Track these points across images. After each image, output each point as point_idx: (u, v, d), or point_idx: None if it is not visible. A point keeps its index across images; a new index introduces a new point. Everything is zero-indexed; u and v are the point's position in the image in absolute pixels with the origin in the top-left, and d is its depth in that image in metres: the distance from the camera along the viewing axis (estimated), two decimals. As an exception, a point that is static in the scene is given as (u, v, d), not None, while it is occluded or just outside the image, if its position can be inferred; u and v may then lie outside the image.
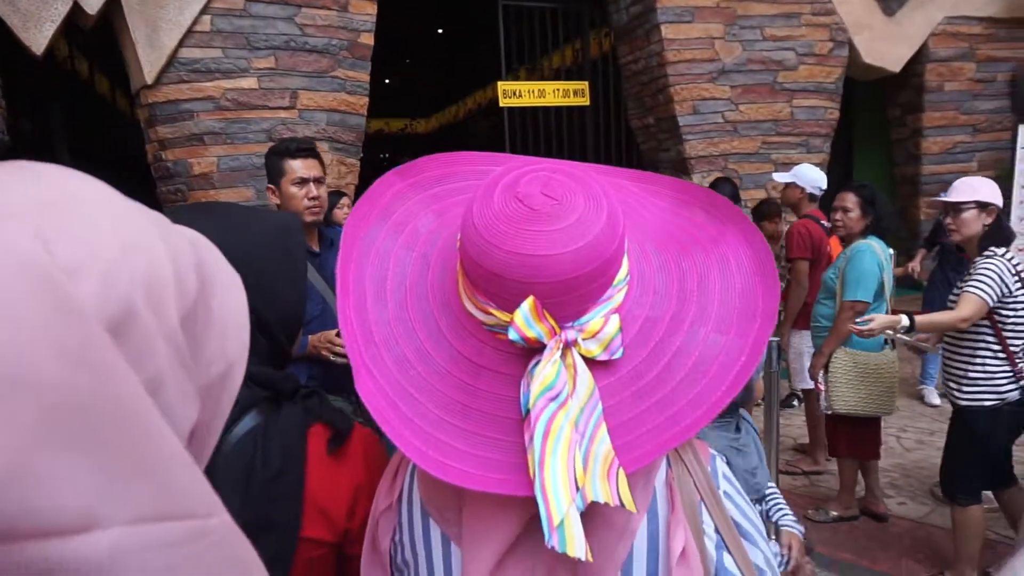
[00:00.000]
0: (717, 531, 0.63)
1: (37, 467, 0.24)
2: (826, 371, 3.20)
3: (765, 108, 5.65)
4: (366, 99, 4.83)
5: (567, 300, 0.57)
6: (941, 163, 6.18)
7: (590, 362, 0.58)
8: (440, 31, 11.76)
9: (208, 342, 0.35)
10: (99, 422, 0.26)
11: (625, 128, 6.32)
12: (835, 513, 3.38)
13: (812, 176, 4.06)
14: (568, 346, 0.57)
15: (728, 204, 0.75)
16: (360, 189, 4.88)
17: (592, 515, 0.57)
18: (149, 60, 4.16)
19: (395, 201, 0.70)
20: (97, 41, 4.64)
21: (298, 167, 2.11)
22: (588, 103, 6.15)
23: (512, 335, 0.56)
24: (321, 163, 2.23)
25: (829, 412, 3.22)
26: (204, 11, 4.25)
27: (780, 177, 4.21)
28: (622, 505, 0.52)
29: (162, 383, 0.31)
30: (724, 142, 5.59)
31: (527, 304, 0.55)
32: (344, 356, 2.03)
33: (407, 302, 0.63)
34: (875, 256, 3.17)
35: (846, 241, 3.31)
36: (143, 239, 0.32)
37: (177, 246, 0.35)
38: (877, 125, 6.84)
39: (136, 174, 5.29)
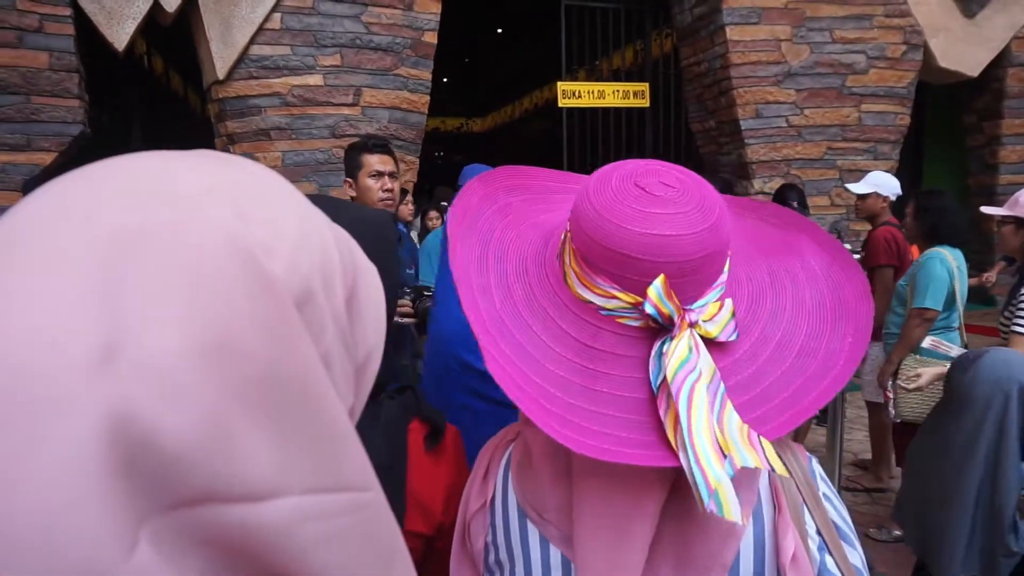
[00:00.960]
0: (819, 532, 0.63)
1: (236, 433, 0.25)
2: (894, 379, 3.12)
3: (832, 113, 5.49)
4: (427, 97, 4.89)
5: (688, 282, 0.60)
6: (1020, 172, 5.90)
7: (706, 343, 0.61)
8: (499, 31, 11.82)
9: (357, 327, 0.37)
10: (287, 394, 0.27)
11: (684, 131, 6.24)
12: (897, 532, 3.26)
13: (891, 183, 3.88)
14: (691, 326, 0.59)
15: (796, 215, 0.80)
16: (418, 186, 4.94)
17: (698, 518, 0.59)
18: (221, 56, 4.29)
19: (482, 207, 0.71)
20: (172, 38, 4.81)
21: (375, 161, 2.24)
22: (648, 105, 6.08)
23: (648, 309, 0.58)
24: (395, 159, 2.33)
25: (897, 420, 3.14)
26: (275, 9, 4.36)
27: (857, 188, 3.93)
28: (772, 469, 0.54)
29: (331, 362, 0.32)
30: (787, 147, 5.45)
31: (659, 282, 0.58)
32: (407, 316, 2.13)
33: (512, 296, 0.63)
34: (946, 263, 3.08)
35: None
36: (317, 224, 0.34)
37: (338, 233, 0.37)
38: (950, 132, 6.57)
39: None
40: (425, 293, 2.08)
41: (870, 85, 5.51)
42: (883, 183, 3.87)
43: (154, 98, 6.88)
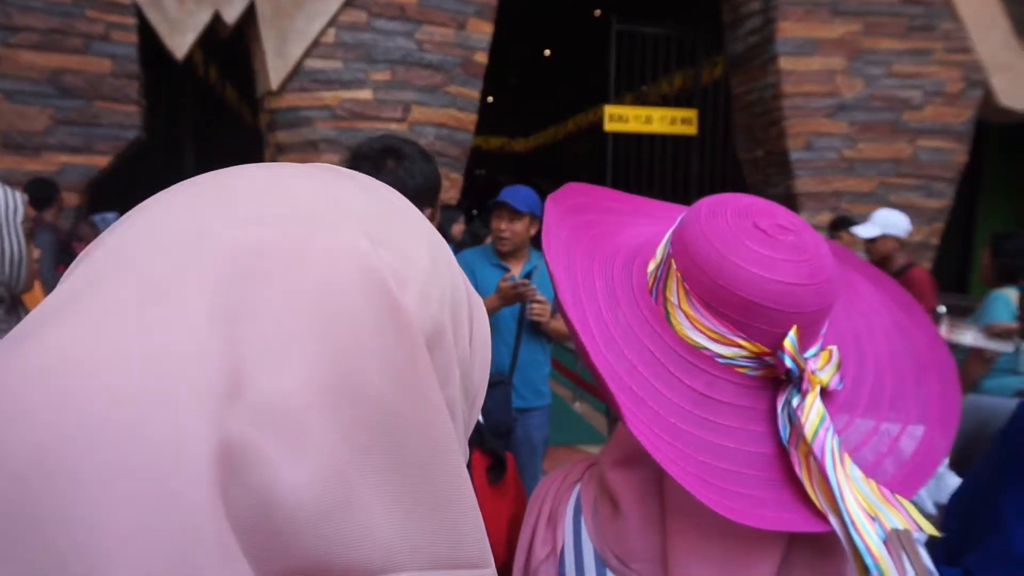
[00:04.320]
0: None
1: (356, 493, 0.22)
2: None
3: (886, 147, 5.37)
4: (475, 116, 4.91)
5: (810, 332, 0.57)
6: (1081, 217, 5.69)
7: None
8: (547, 52, 11.90)
9: (474, 369, 0.33)
10: (413, 450, 0.24)
11: (732, 160, 6.16)
12: None
13: (900, 221, 3.68)
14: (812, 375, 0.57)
15: (852, 254, 0.77)
16: (461, 205, 4.96)
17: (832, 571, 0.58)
18: (276, 68, 4.38)
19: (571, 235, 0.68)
20: (229, 49, 4.93)
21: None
22: (696, 132, 6.03)
23: (788, 362, 0.55)
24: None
25: None
26: (331, 24, 4.44)
27: (864, 231, 3.70)
28: (919, 529, 0.51)
29: (454, 412, 0.29)
30: (838, 180, 5.34)
31: (794, 332, 0.55)
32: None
33: (615, 343, 0.60)
34: (1008, 305, 2.98)
35: None
36: (445, 256, 0.30)
37: (458, 266, 0.33)
38: (1009, 171, 6.39)
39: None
40: None
41: (926, 121, 5.38)
42: (892, 223, 3.68)
43: (207, 105, 7.06)
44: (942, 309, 3.84)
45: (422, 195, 1.31)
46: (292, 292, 0.22)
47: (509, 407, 2.70)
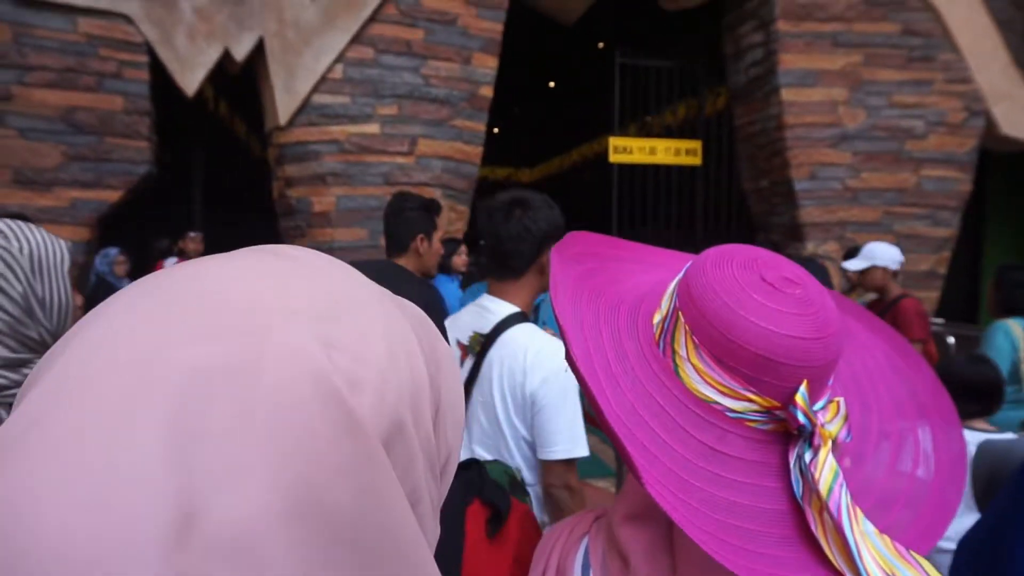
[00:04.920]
0: None
1: None
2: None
3: (889, 176, 5.39)
4: (480, 149, 4.96)
5: (818, 384, 0.58)
6: (1088, 245, 5.68)
7: None
8: (551, 84, 12.04)
9: (441, 435, 0.32)
10: (376, 557, 0.24)
11: (737, 190, 6.19)
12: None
13: (889, 253, 3.68)
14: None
15: (843, 297, 0.77)
16: (468, 235, 4.98)
17: None
18: (284, 103, 4.44)
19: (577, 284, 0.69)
20: (238, 85, 5.00)
21: (442, 224, 2.33)
22: (700, 162, 6.07)
23: (800, 417, 0.55)
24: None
25: None
26: (338, 60, 4.51)
27: (854, 265, 3.71)
28: None
29: (420, 497, 0.28)
30: (842, 209, 5.35)
31: (804, 387, 0.55)
32: None
33: (625, 397, 0.60)
34: (1009, 336, 2.97)
35: None
36: (405, 343, 0.30)
37: (421, 339, 0.32)
38: (1013, 199, 6.39)
39: (260, 209, 5.63)
40: None
41: (930, 150, 5.41)
42: (879, 254, 3.69)
43: (216, 140, 7.15)
44: (951, 340, 3.82)
45: (547, 239, 1.46)
46: (244, 412, 0.22)
47: None
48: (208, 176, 6.31)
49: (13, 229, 1.12)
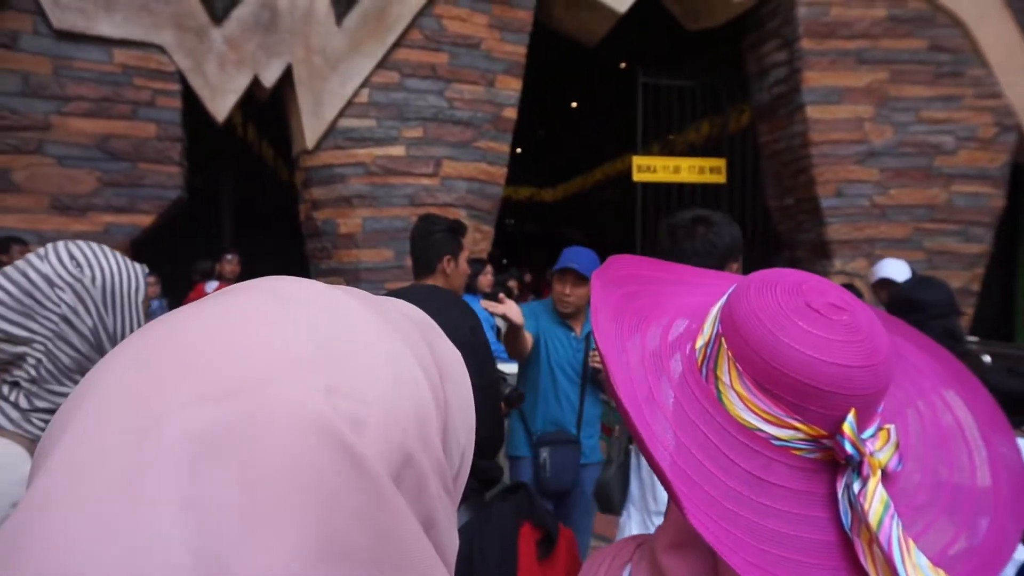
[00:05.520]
0: None
1: None
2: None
3: (919, 192, 5.31)
4: (504, 170, 4.99)
5: (867, 412, 0.56)
6: None
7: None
8: (574, 104, 12.10)
9: (453, 446, 0.33)
10: None
11: (762, 207, 6.14)
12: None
13: (899, 268, 3.66)
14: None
15: (895, 319, 0.75)
16: (493, 255, 5.00)
17: None
18: (311, 128, 4.52)
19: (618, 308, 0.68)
20: (266, 110, 5.10)
21: (467, 245, 2.36)
22: (724, 180, 6.04)
23: (848, 447, 0.54)
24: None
25: None
26: (364, 84, 4.58)
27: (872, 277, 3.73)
28: None
29: (434, 522, 0.29)
30: (870, 227, 5.29)
31: (852, 416, 0.54)
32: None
33: (667, 425, 0.59)
34: None
35: None
36: (409, 372, 0.30)
37: (424, 356, 0.33)
38: (1048, 215, 6.26)
39: (288, 231, 5.72)
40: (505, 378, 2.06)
41: (960, 166, 5.33)
42: (890, 269, 3.66)
43: (245, 164, 7.28)
44: (987, 358, 3.73)
45: (730, 254, 1.52)
46: (253, 471, 0.23)
47: (577, 467, 2.70)
48: (237, 200, 6.43)
49: (87, 255, 1.03)
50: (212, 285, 5.49)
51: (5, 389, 0.97)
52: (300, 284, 0.32)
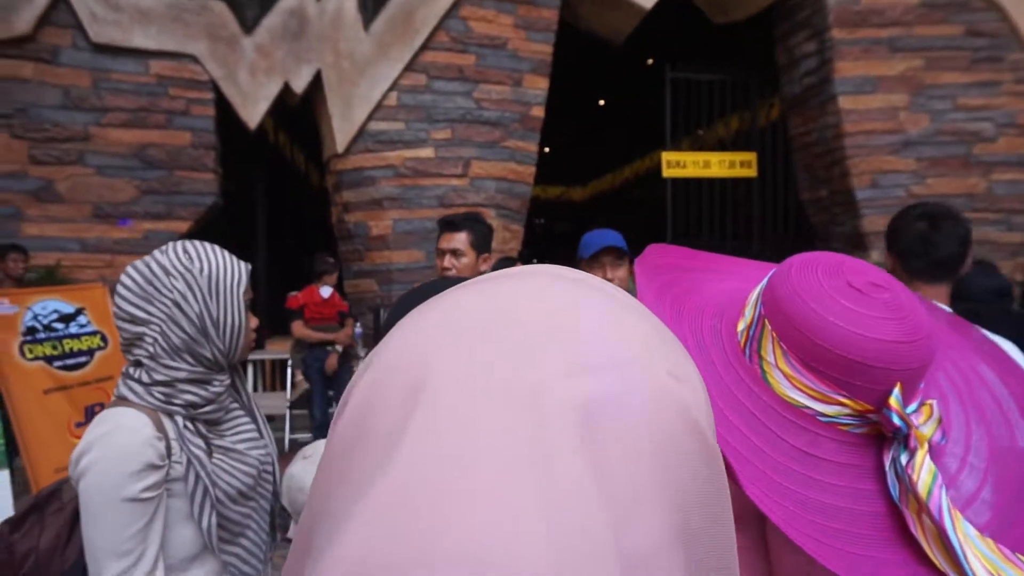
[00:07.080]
0: None
1: None
2: None
3: (957, 182, 5.18)
4: (533, 168, 5.00)
5: (910, 387, 0.57)
6: None
7: None
8: (601, 102, 12.05)
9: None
10: (725, 564, 0.25)
11: (794, 200, 6.05)
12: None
13: None
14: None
15: (931, 303, 0.76)
16: (522, 254, 5.01)
17: None
18: (342, 131, 4.58)
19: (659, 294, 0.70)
20: (297, 116, 5.18)
21: (440, 240, 2.31)
22: (755, 174, 5.97)
23: (896, 420, 0.55)
24: (468, 236, 2.34)
25: None
26: (392, 88, 4.63)
27: None
28: None
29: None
30: (908, 217, 5.17)
31: (898, 390, 0.55)
32: None
33: (715, 405, 0.60)
34: None
35: None
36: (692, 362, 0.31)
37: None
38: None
39: (319, 234, 5.79)
40: None
41: (1000, 153, 5.19)
42: None
43: (276, 169, 7.40)
44: None
45: (970, 244, 1.64)
46: (632, 446, 0.23)
47: None
48: (270, 204, 6.54)
49: (198, 250, 1.17)
50: (327, 291, 4.97)
51: (131, 369, 1.13)
52: (576, 272, 0.31)
